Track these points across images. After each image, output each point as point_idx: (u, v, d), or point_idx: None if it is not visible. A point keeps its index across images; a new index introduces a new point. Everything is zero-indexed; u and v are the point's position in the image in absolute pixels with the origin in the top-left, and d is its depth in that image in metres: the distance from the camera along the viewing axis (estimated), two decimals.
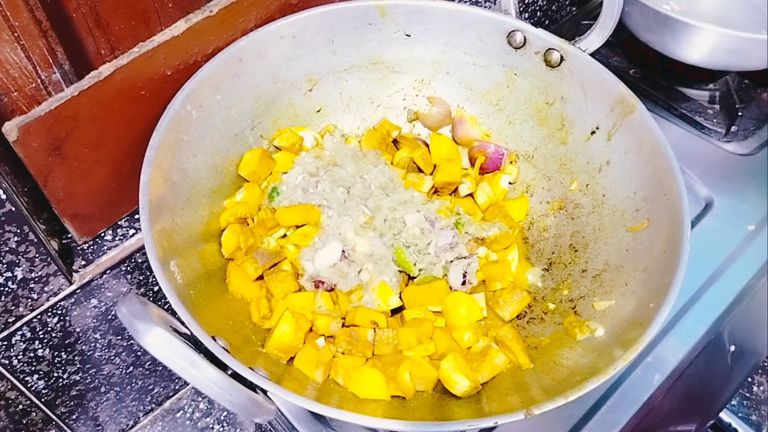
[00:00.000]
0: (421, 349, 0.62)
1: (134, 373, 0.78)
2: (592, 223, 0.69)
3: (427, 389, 0.60)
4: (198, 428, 0.86)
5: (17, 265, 0.57)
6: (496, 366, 0.60)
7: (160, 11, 0.61)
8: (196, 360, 0.45)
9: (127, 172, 0.64)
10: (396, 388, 0.58)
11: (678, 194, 0.59)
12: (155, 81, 0.61)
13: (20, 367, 0.66)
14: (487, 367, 0.60)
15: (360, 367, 0.59)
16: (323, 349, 0.61)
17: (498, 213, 0.72)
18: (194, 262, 0.60)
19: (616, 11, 0.65)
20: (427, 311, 0.65)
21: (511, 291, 0.66)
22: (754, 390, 1.06)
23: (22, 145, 0.54)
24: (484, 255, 0.69)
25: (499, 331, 0.62)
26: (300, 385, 0.57)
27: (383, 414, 0.55)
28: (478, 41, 0.73)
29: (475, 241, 0.69)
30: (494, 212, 0.73)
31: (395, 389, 0.58)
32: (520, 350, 0.60)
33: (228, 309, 0.61)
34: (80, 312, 0.66)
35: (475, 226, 0.70)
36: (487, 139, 0.77)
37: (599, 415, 0.68)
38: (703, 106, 0.99)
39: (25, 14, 0.51)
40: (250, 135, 0.71)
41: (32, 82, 0.55)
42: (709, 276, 0.79)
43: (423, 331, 0.62)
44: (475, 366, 0.60)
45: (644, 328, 0.53)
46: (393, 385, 0.58)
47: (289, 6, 0.69)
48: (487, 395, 0.59)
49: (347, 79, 0.76)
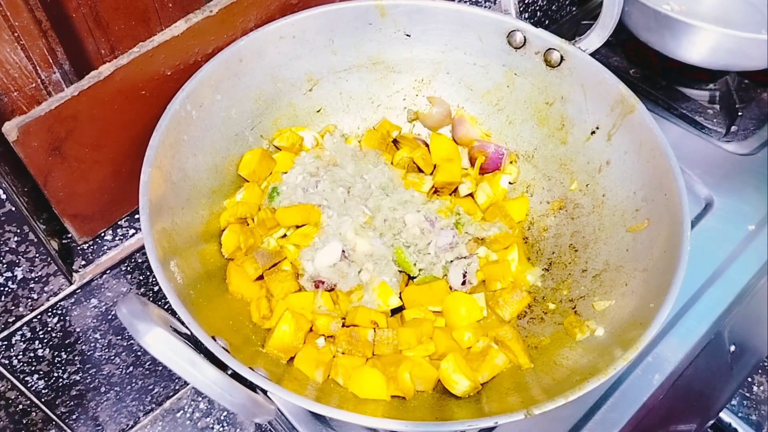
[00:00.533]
0: (421, 349, 0.61)
1: (134, 373, 0.78)
2: (592, 223, 0.69)
3: (427, 389, 0.60)
4: (198, 428, 0.86)
5: (17, 265, 0.57)
6: (496, 366, 0.60)
7: (160, 11, 0.61)
8: (197, 360, 0.45)
9: (127, 172, 0.64)
10: (396, 388, 0.58)
11: (678, 194, 0.59)
12: (155, 81, 0.61)
13: (20, 367, 0.66)
14: (487, 367, 0.60)
15: (360, 367, 0.59)
16: (323, 349, 0.61)
17: (498, 213, 0.72)
18: (194, 262, 0.60)
19: (616, 11, 0.65)
20: (427, 311, 0.65)
21: (511, 291, 0.66)
22: (754, 390, 1.06)
23: (22, 145, 0.55)
24: (484, 255, 0.69)
25: (499, 331, 0.62)
26: (300, 385, 0.57)
27: (383, 414, 0.55)
28: (478, 41, 0.73)
29: (475, 241, 0.69)
30: (494, 212, 0.73)
31: (395, 389, 0.58)
32: (520, 350, 0.60)
33: (228, 309, 0.61)
34: (80, 312, 0.66)
35: (475, 226, 0.70)
36: (487, 139, 0.77)
37: (599, 415, 0.68)
38: (703, 106, 0.99)
39: (25, 14, 0.51)
40: (250, 135, 0.71)
41: (32, 82, 0.55)
42: (709, 276, 0.79)
43: (423, 331, 0.62)
44: (475, 366, 0.60)
45: (644, 328, 0.53)
46: (393, 385, 0.58)
47: (289, 6, 0.69)
48: (487, 395, 0.59)
49: (347, 79, 0.76)
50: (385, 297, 0.64)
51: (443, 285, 0.66)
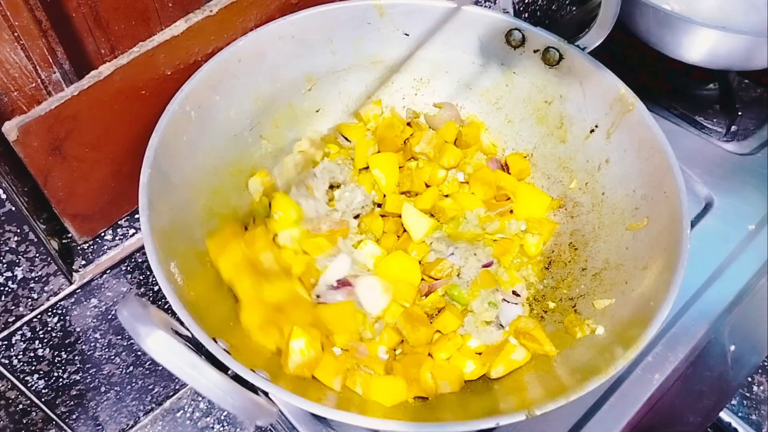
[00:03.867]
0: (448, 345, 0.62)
1: (134, 372, 0.78)
2: (592, 222, 0.69)
3: (454, 389, 0.60)
4: (198, 428, 0.86)
5: (17, 265, 0.57)
6: (514, 361, 0.60)
7: (160, 11, 0.61)
8: (198, 363, 0.45)
9: (127, 171, 0.64)
10: (419, 389, 0.58)
11: (677, 192, 0.59)
12: (155, 81, 0.61)
13: (20, 367, 0.66)
14: (502, 361, 0.60)
15: (378, 376, 0.59)
16: (341, 357, 0.60)
17: None
18: (194, 263, 0.60)
19: (614, 10, 0.65)
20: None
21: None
22: (754, 390, 1.06)
23: (22, 144, 0.55)
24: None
25: (518, 323, 0.62)
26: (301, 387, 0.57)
27: (384, 415, 0.55)
28: (476, 40, 0.73)
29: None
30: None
31: (419, 390, 0.58)
32: (544, 338, 0.60)
33: (229, 310, 0.61)
34: (80, 312, 0.66)
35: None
36: (493, 149, 0.77)
37: (599, 414, 0.68)
38: (703, 105, 0.99)
39: (25, 14, 0.51)
40: (249, 135, 0.70)
41: (32, 81, 0.55)
42: (709, 276, 0.79)
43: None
44: (489, 361, 0.60)
45: (645, 327, 0.53)
46: (416, 386, 0.58)
47: (289, 5, 0.69)
48: (499, 390, 0.59)
49: (346, 79, 0.76)
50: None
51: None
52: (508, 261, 0.69)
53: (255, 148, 0.71)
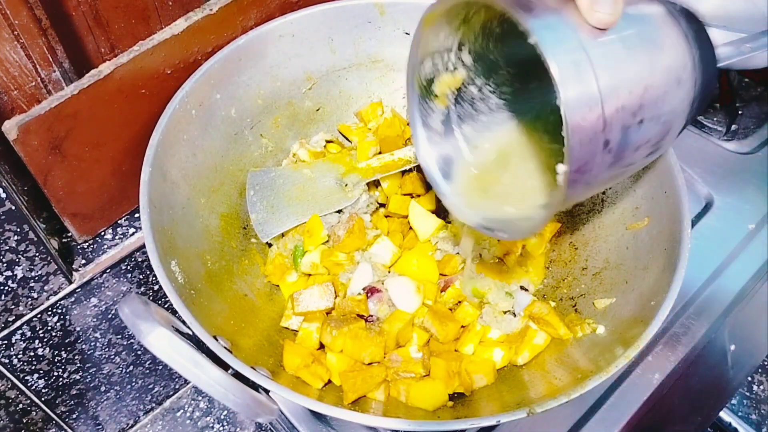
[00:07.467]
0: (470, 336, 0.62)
1: (134, 372, 0.78)
2: (592, 221, 0.69)
3: (489, 381, 0.60)
4: (198, 427, 0.86)
5: (17, 264, 0.57)
6: (537, 346, 0.61)
7: (160, 9, 0.61)
8: (199, 360, 0.45)
9: (127, 170, 0.64)
10: (459, 384, 0.59)
11: (678, 192, 0.59)
12: (155, 79, 0.61)
13: (20, 366, 0.66)
14: (527, 346, 0.61)
15: (417, 381, 0.59)
16: (374, 370, 0.59)
17: None
18: (195, 261, 0.60)
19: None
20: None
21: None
22: (754, 389, 1.06)
23: (22, 143, 0.54)
24: None
25: (532, 308, 0.63)
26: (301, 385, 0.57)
27: (383, 413, 0.55)
28: None
29: None
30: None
31: (459, 385, 0.59)
32: (558, 322, 0.61)
33: (230, 308, 0.61)
34: (80, 311, 0.66)
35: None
36: None
37: (599, 414, 0.68)
38: None
39: (25, 12, 0.50)
40: (250, 134, 0.70)
41: (32, 80, 0.55)
42: (709, 275, 0.79)
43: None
44: (515, 348, 0.61)
45: (645, 326, 0.53)
46: (457, 381, 0.58)
47: (288, 4, 0.69)
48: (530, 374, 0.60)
49: (346, 78, 0.75)
50: None
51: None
52: (512, 260, 0.69)
53: (255, 147, 0.71)
